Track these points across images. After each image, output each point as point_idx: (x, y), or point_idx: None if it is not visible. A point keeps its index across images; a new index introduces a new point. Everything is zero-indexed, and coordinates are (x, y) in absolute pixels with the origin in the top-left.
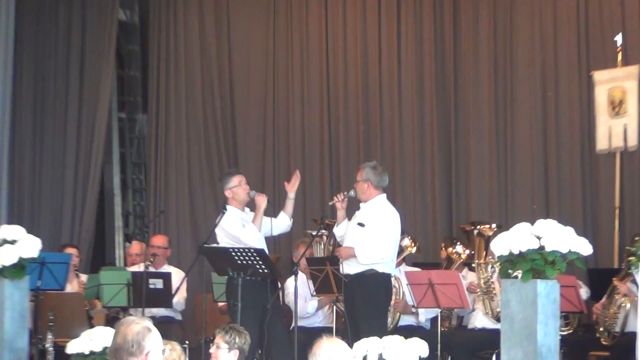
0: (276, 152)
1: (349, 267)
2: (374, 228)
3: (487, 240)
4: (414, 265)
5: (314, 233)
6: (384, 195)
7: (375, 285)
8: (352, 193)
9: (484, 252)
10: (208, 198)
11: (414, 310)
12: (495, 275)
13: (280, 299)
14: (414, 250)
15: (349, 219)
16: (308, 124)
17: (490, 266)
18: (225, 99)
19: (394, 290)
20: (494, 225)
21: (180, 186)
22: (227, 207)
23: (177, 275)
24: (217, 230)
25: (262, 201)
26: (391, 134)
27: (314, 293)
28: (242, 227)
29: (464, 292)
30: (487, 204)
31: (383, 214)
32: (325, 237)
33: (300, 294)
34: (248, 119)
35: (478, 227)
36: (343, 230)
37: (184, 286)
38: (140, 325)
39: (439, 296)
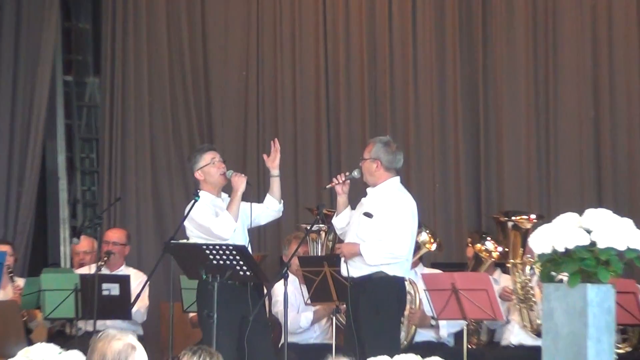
0: (261, 127)
1: (352, 269)
2: (384, 219)
3: (525, 234)
4: (434, 266)
5: (309, 227)
6: (398, 178)
7: (385, 292)
8: (355, 174)
9: (521, 249)
10: (176, 183)
11: (433, 322)
12: (535, 278)
13: (267, 309)
14: (433, 247)
15: (352, 208)
16: (300, 93)
17: (528, 267)
18: (198, 59)
19: (408, 297)
20: (533, 216)
21: (141, 168)
22: (200, 192)
23: (138, 279)
24: (186, 223)
25: (239, 182)
26: (404, 104)
27: (309, 301)
28: (213, 216)
29: (496, 300)
30: (524, 190)
31: (396, 201)
32: (323, 232)
33: (292, 303)
34: (226, 84)
35: (513, 218)
36: (345, 221)
37: (146, 292)
38: (122, 342)
39: (464, 305)
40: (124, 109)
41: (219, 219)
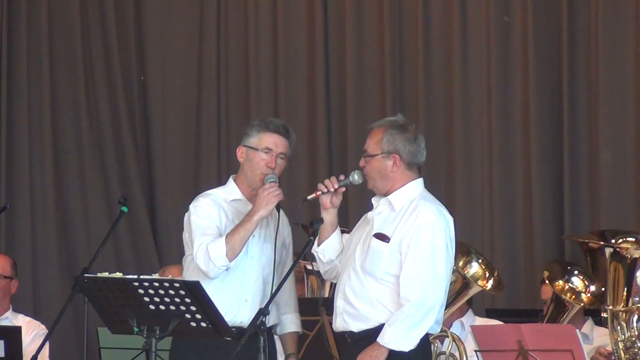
0: (223, 110)
1: (350, 319)
2: (409, 244)
3: (631, 267)
4: (490, 314)
5: (301, 252)
6: (421, 180)
7: (401, 353)
8: (356, 178)
9: (625, 288)
10: (93, 186)
11: None
12: None
13: None
14: (489, 285)
15: (347, 229)
16: (285, 53)
17: (636, 317)
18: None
19: None
20: None
21: (38, 163)
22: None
23: (32, 332)
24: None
25: (265, 200)
26: (446, 81)
27: None
28: (213, 229)
29: None
30: (628, 205)
31: (426, 215)
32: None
33: None
34: (169, 40)
35: (613, 241)
36: (335, 249)
37: (46, 351)
38: None
39: None
40: (12, 84)
41: (214, 238)
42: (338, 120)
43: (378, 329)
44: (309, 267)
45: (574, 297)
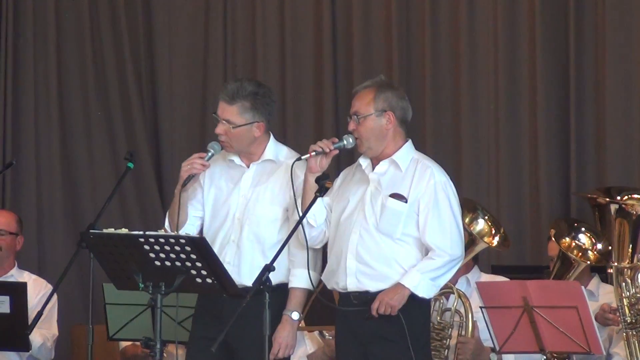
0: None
1: (363, 277)
2: (427, 205)
3: (637, 223)
4: (495, 270)
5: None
6: (410, 142)
7: (410, 312)
8: (350, 141)
9: (630, 245)
10: (98, 141)
11: (494, 358)
12: None
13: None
14: (495, 242)
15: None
16: (291, 26)
17: None
18: None
19: (456, 318)
20: None
21: (44, 120)
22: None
23: (38, 290)
24: None
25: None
26: (452, 36)
27: (302, 325)
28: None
29: (592, 323)
30: (636, 160)
31: (436, 175)
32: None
33: None
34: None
35: (619, 198)
36: (323, 213)
37: (54, 311)
38: None
39: (542, 331)
40: (17, 30)
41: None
42: (344, 92)
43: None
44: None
45: (580, 254)
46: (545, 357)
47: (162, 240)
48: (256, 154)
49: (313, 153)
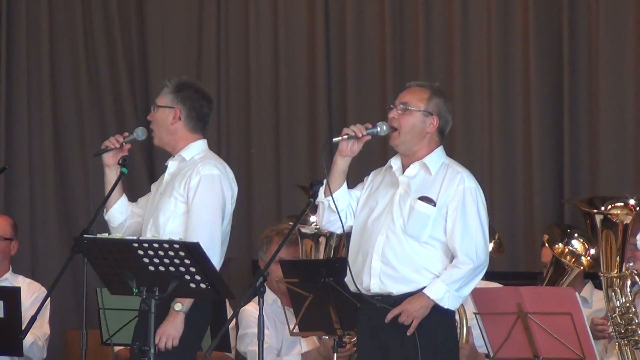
0: (223, 79)
1: (387, 279)
2: (456, 210)
3: (623, 231)
4: (490, 277)
5: (300, 215)
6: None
7: (439, 321)
8: (383, 128)
9: (618, 254)
10: (93, 145)
11: None
12: None
13: (232, 342)
14: (489, 248)
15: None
16: (285, 17)
17: (630, 281)
18: None
19: None
20: (632, 202)
21: (37, 123)
22: None
23: (32, 293)
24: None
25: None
26: (446, 44)
27: (296, 330)
28: None
29: (586, 330)
30: (629, 167)
31: (467, 182)
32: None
33: (270, 337)
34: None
35: (603, 208)
36: (346, 198)
37: (46, 314)
38: None
39: (536, 337)
40: (11, 29)
41: None
42: (338, 90)
43: (409, 294)
44: (304, 230)
45: (573, 260)
46: None
47: (155, 245)
48: (174, 150)
49: (345, 136)
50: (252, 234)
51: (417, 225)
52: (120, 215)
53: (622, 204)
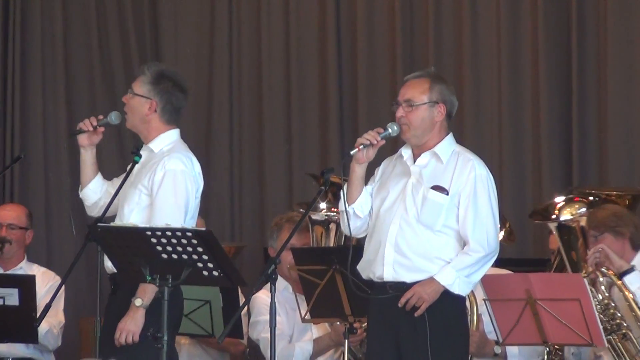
0: (235, 70)
1: (399, 267)
2: (468, 198)
3: (583, 233)
4: (499, 264)
5: (311, 203)
6: (452, 134)
7: (450, 307)
8: (394, 129)
9: (582, 256)
10: (106, 133)
11: (497, 350)
12: (616, 290)
13: (244, 329)
14: (500, 236)
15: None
16: (296, 10)
17: (602, 279)
18: None
19: None
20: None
21: (52, 112)
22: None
23: (47, 282)
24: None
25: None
26: (455, 33)
27: (307, 317)
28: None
29: (594, 316)
30: (637, 155)
31: (479, 169)
32: (337, 214)
33: (282, 323)
34: None
35: (554, 216)
36: (368, 203)
37: (61, 303)
38: None
39: (545, 323)
40: (23, 14)
41: None
42: (349, 80)
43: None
44: (314, 216)
45: (583, 247)
46: (547, 349)
47: (168, 233)
48: (146, 139)
49: (361, 146)
50: (264, 223)
51: (430, 215)
52: (94, 194)
53: (577, 200)
